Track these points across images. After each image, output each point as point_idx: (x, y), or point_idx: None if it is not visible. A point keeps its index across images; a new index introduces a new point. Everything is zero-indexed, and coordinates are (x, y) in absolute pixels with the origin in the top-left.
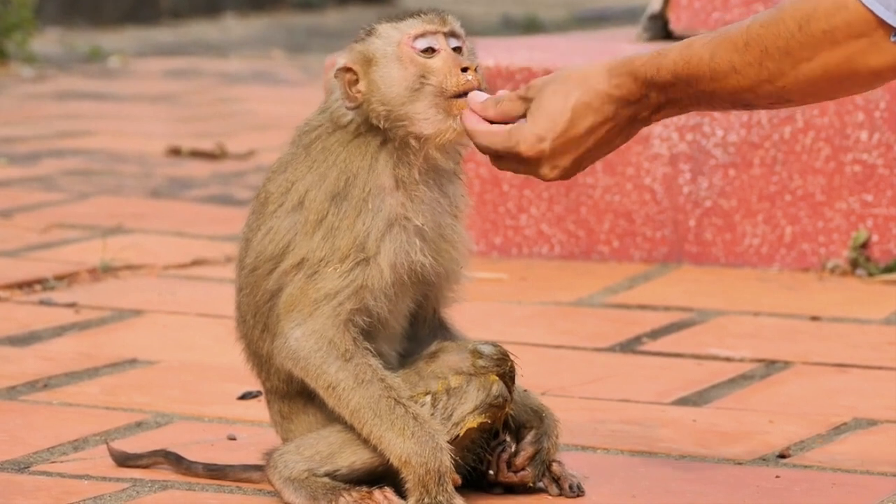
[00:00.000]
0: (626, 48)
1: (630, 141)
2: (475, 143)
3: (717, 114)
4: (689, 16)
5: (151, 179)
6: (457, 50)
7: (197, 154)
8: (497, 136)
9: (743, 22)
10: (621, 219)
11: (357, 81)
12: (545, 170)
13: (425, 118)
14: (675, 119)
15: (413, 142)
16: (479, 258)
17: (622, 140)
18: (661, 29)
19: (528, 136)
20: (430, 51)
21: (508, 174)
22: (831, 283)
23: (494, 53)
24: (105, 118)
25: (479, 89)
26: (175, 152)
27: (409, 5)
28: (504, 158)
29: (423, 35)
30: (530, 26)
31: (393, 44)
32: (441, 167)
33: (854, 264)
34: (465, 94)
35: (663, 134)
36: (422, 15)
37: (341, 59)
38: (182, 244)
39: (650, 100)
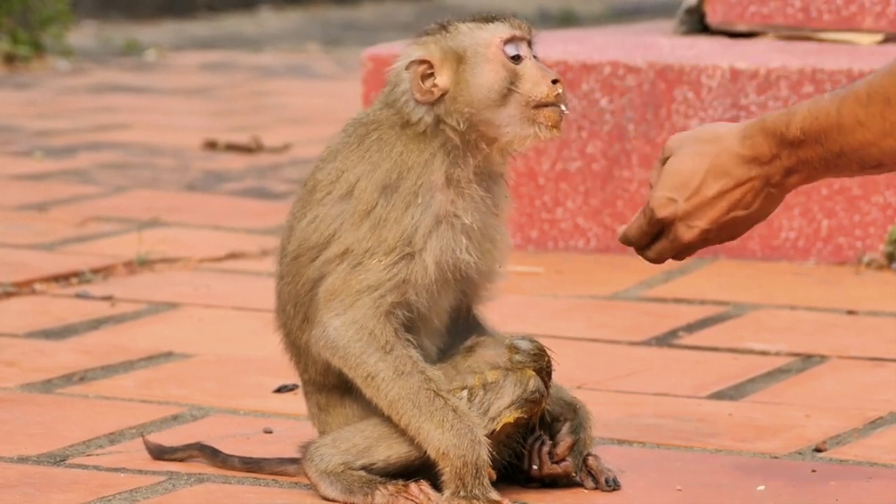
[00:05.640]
0: (662, 42)
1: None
2: (626, 241)
3: (752, 106)
4: (725, 9)
5: (187, 173)
6: (535, 59)
7: (232, 147)
8: (638, 218)
9: (869, 75)
10: None
11: (431, 76)
12: (681, 229)
13: (508, 125)
14: (711, 112)
15: (483, 145)
16: (515, 252)
17: (764, 205)
18: (697, 22)
19: (660, 198)
20: (517, 58)
21: (545, 168)
22: (867, 276)
23: None
24: (141, 111)
25: (565, 101)
26: (211, 146)
27: (449, 3)
28: (652, 243)
29: (512, 40)
30: (566, 19)
31: (483, 45)
32: (493, 170)
33: (890, 258)
34: (551, 104)
35: None
36: (507, 19)
37: (415, 51)
38: (218, 237)
39: (781, 161)
